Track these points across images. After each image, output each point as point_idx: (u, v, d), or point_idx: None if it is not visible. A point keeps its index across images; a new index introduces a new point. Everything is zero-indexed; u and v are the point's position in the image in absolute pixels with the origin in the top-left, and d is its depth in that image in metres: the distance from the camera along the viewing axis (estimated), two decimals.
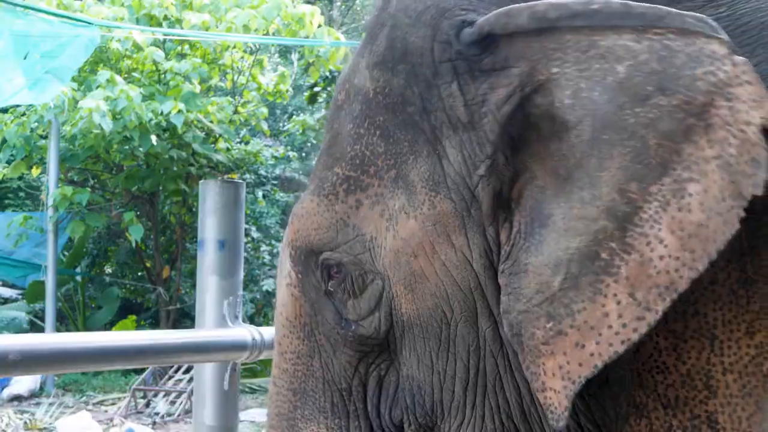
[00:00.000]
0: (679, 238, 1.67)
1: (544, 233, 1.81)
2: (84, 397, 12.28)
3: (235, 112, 13.53)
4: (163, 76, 12.99)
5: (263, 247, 15.61)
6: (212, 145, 13.32)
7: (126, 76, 12.90)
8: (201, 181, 3.79)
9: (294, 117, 16.45)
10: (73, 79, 12.26)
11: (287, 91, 14.38)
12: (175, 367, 12.55)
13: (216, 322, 3.36)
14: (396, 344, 2.02)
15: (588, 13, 1.76)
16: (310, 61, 13.66)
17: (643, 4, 1.72)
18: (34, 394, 12.04)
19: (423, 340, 1.97)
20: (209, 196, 3.68)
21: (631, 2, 1.73)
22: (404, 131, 1.97)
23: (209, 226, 3.56)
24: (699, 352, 1.80)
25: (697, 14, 1.70)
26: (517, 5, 1.81)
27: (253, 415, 10.89)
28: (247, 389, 12.46)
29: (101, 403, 12.07)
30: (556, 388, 1.79)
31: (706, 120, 1.67)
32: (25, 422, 9.59)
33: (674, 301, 1.69)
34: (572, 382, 1.77)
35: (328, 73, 14.31)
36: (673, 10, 1.71)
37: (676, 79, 1.68)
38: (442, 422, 2.01)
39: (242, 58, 13.89)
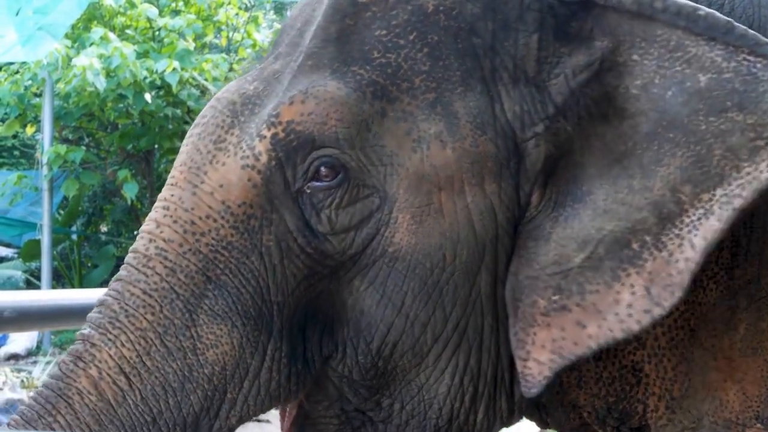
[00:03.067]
0: (706, 245, 1.71)
1: (579, 209, 1.81)
2: None
3: (231, 69, 13.41)
4: (157, 33, 12.87)
5: None
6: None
7: (120, 33, 12.76)
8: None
9: None
10: (67, 36, 12.13)
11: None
12: None
13: None
14: (353, 272, 1.86)
15: (693, 17, 1.77)
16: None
17: (744, 27, 1.77)
18: (31, 353, 12.04)
19: (403, 277, 1.83)
20: None
21: (734, 22, 1.77)
22: (460, 60, 1.86)
23: None
24: None
25: None
26: None
27: None
28: None
29: None
30: (541, 360, 1.81)
31: None
32: (22, 381, 9.59)
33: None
34: (561, 357, 1.80)
35: None
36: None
37: (755, 102, 1.71)
38: (387, 364, 1.88)
39: (237, 14, 13.75)
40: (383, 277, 1.83)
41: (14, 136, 16.62)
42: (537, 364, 1.81)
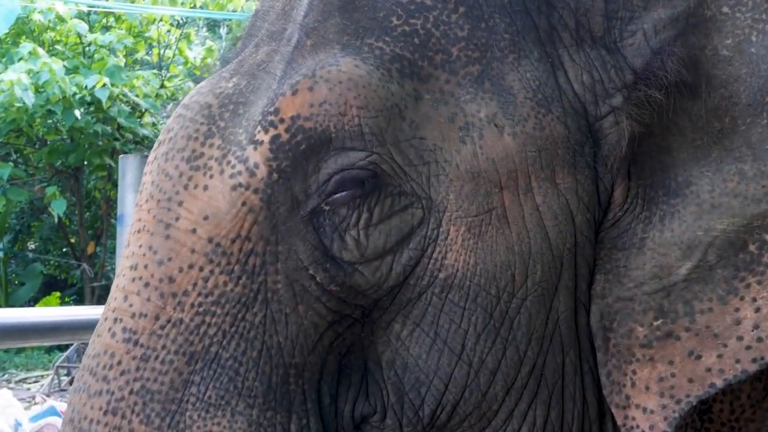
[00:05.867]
0: None
1: (677, 205, 1.42)
2: (6, 375, 12.09)
3: (162, 86, 13.35)
4: (87, 48, 12.77)
5: None
6: (138, 120, 13.14)
7: (49, 48, 12.65)
8: (120, 156, 3.79)
9: None
10: None
11: (215, 65, 14.23)
12: None
13: None
14: (391, 312, 1.40)
15: None
16: (239, 35, 13.55)
17: None
18: None
19: (462, 311, 1.39)
20: (129, 171, 3.67)
21: None
22: (508, 19, 1.45)
23: (129, 202, 3.54)
24: None
25: None
26: None
27: None
28: None
29: (23, 381, 11.90)
30: (649, 407, 1.40)
31: None
32: None
33: None
34: (676, 401, 1.38)
35: None
36: None
37: None
38: (442, 431, 1.43)
39: (169, 31, 13.71)
40: (434, 313, 1.39)
41: None
42: (643, 413, 1.39)
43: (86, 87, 11.69)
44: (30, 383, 11.81)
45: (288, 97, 1.38)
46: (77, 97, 11.90)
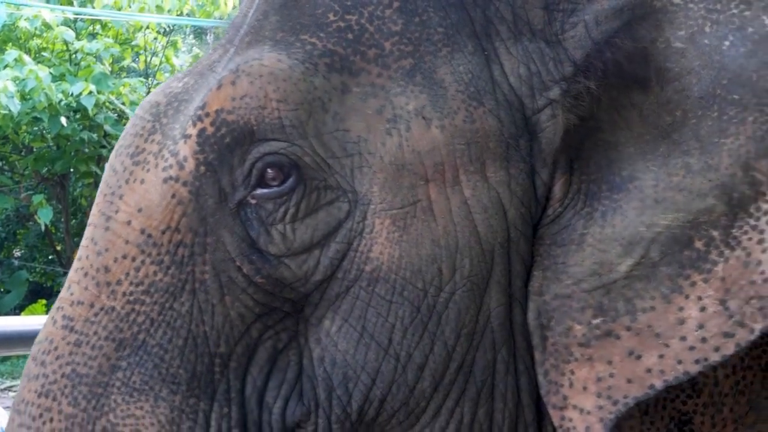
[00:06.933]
0: None
1: (620, 200, 1.39)
2: None
3: (148, 93, 13.33)
4: (73, 56, 12.74)
5: None
6: (125, 127, 13.13)
7: (35, 55, 12.61)
8: (107, 164, 3.77)
9: None
10: None
11: None
12: None
13: None
14: (322, 308, 1.42)
15: None
16: None
17: None
18: None
19: (388, 304, 1.39)
20: None
21: None
22: (442, 13, 1.47)
23: None
24: None
25: None
26: None
27: None
28: None
29: (9, 389, 11.83)
30: (585, 407, 1.38)
31: None
32: None
33: None
34: (613, 402, 1.36)
35: None
36: None
37: None
38: (371, 428, 1.44)
39: (156, 39, 13.69)
40: (361, 307, 1.40)
41: None
42: (580, 414, 1.38)
43: (72, 94, 11.66)
44: (15, 391, 11.75)
45: (213, 92, 1.43)
46: (63, 104, 11.88)
